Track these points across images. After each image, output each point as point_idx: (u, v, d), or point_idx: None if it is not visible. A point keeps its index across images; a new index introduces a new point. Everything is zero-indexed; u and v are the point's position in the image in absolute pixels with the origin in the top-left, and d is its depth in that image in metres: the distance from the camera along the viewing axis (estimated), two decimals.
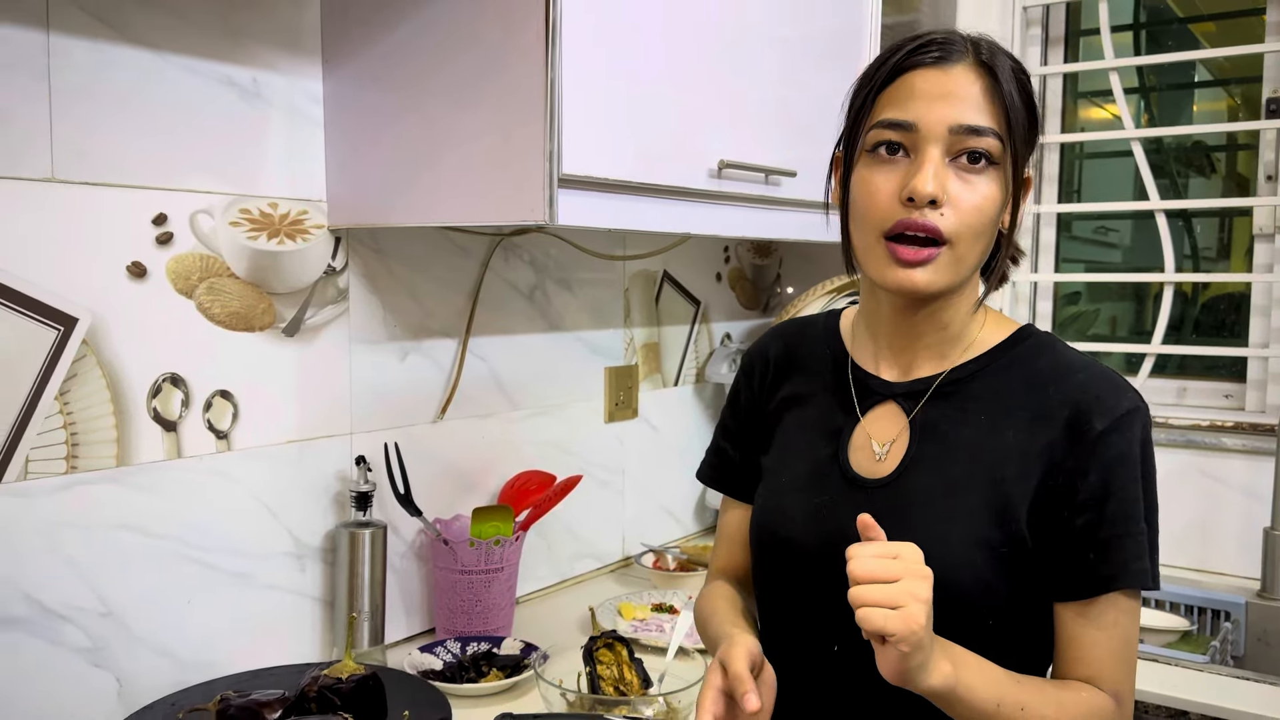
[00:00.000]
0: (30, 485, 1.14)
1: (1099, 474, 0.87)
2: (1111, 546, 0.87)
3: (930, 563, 0.87)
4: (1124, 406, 0.88)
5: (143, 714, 1.14)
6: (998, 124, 0.88)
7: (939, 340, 0.96)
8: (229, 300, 1.31)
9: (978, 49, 0.90)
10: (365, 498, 1.43)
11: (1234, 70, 2.26)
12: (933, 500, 0.91)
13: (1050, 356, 0.94)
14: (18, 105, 1.10)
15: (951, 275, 0.90)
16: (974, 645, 0.89)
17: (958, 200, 0.87)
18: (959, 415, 0.93)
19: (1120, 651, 0.89)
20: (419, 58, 1.31)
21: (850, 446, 0.97)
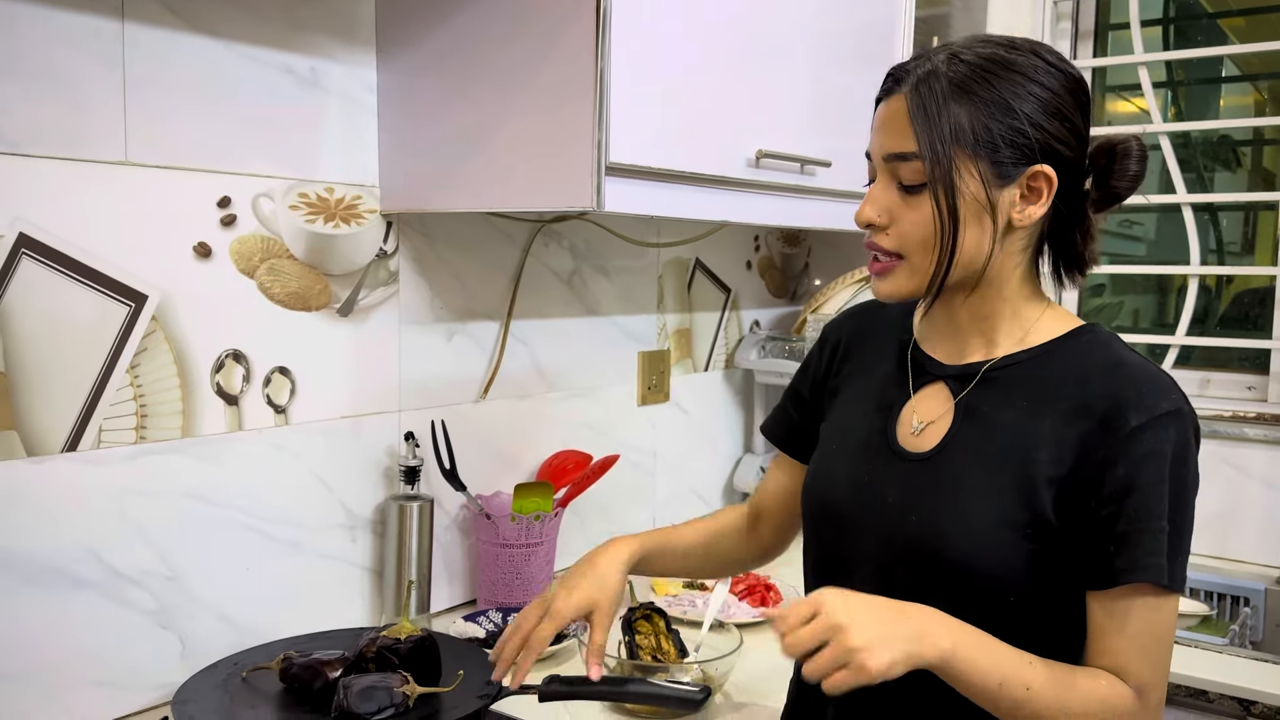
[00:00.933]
0: (103, 454, 1.20)
1: (1126, 468, 0.89)
2: (1129, 540, 0.89)
3: (957, 536, 0.93)
4: (1163, 407, 0.90)
5: (208, 672, 1.20)
6: (919, 146, 0.92)
7: (983, 329, 1.00)
8: (288, 281, 1.37)
9: (917, 73, 0.93)
10: (414, 472, 1.48)
11: (1261, 65, 2.28)
12: (965, 477, 0.96)
13: (1104, 353, 0.97)
14: (95, 91, 1.16)
15: (911, 283, 0.97)
16: (993, 620, 0.93)
17: (899, 219, 0.95)
18: (1002, 400, 0.97)
19: (1145, 646, 0.90)
20: (470, 48, 1.36)
21: (898, 421, 1.03)
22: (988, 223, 0.94)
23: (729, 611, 1.62)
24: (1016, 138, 0.92)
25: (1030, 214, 0.94)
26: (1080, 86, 0.95)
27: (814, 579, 1.10)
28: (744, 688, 1.36)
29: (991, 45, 0.94)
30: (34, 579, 1.14)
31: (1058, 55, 0.95)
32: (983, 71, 0.92)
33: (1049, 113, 0.92)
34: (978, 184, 0.92)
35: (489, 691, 1.14)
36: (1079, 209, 0.99)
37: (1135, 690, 0.90)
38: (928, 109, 0.92)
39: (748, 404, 2.31)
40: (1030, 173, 0.93)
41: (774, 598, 1.69)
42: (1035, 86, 0.92)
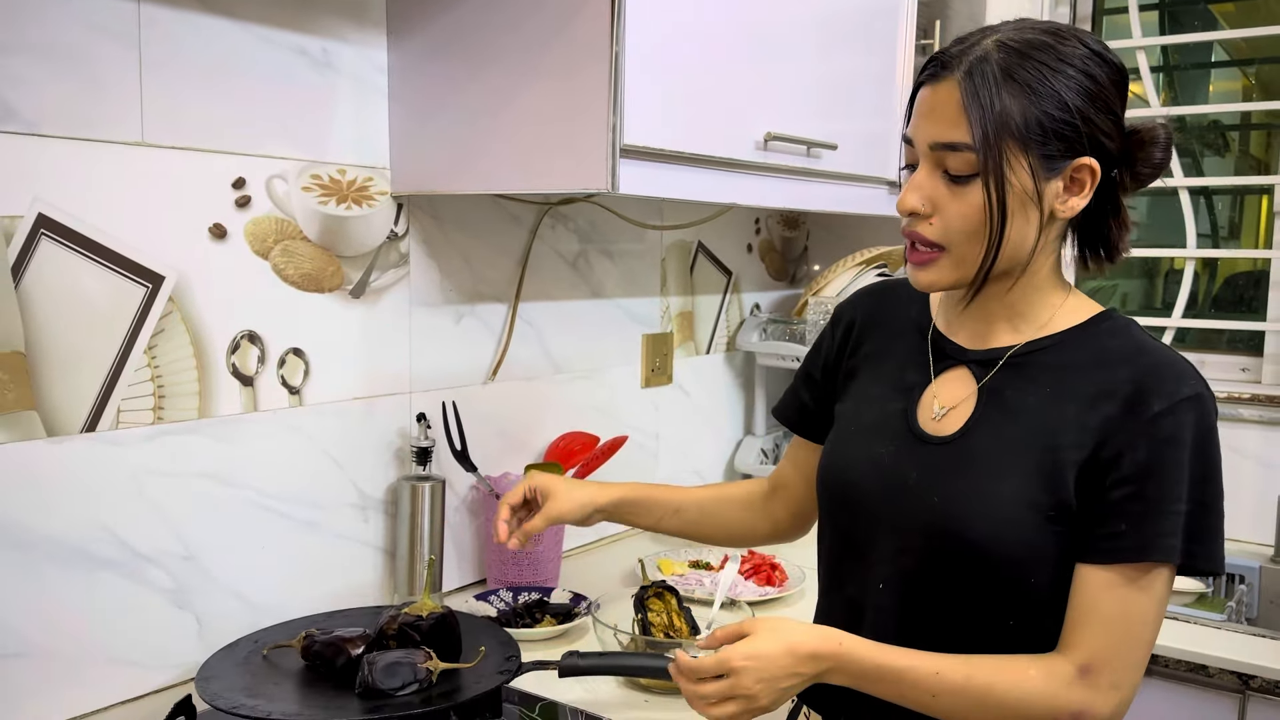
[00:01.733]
0: (121, 434, 1.20)
1: (1146, 451, 0.91)
2: (1144, 521, 0.91)
3: (980, 518, 0.95)
4: (1183, 393, 0.92)
5: (228, 650, 1.21)
6: (972, 137, 0.91)
7: (1010, 315, 1.01)
8: (301, 262, 1.38)
9: (967, 59, 0.92)
10: (425, 453, 1.49)
11: (1250, 51, 2.30)
12: (989, 460, 0.97)
13: (1124, 339, 0.98)
14: (112, 72, 1.16)
15: (955, 274, 0.97)
16: (1013, 600, 0.95)
17: (944, 209, 0.95)
18: (1026, 385, 0.98)
19: (1117, 626, 0.91)
20: (482, 30, 1.36)
21: (919, 404, 1.04)
22: (1034, 214, 0.94)
23: (736, 590, 1.64)
24: (1066, 130, 0.91)
25: (1073, 205, 0.95)
26: (1123, 76, 0.95)
27: (830, 561, 1.11)
28: None
29: (1038, 32, 0.94)
30: (54, 558, 1.15)
31: (1101, 43, 0.95)
32: (1035, 62, 0.91)
33: (1096, 106, 0.92)
34: (1026, 175, 0.92)
35: (509, 668, 1.16)
36: (1113, 196, 0.99)
37: (1080, 668, 0.91)
38: (981, 98, 0.91)
39: (749, 386, 2.33)
40: (1076, 165, 0.93)
41: (779, 576, 1.71)
42: (1084, 78, 0.92)
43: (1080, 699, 0.91)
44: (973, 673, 0.92)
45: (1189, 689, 1.49)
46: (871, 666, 0.94)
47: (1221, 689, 1.47)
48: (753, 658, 0.94)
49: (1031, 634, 0.96)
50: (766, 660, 0.94)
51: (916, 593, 0.99)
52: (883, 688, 0.94)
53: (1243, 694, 1.45)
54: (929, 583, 0.99)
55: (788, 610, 1.60)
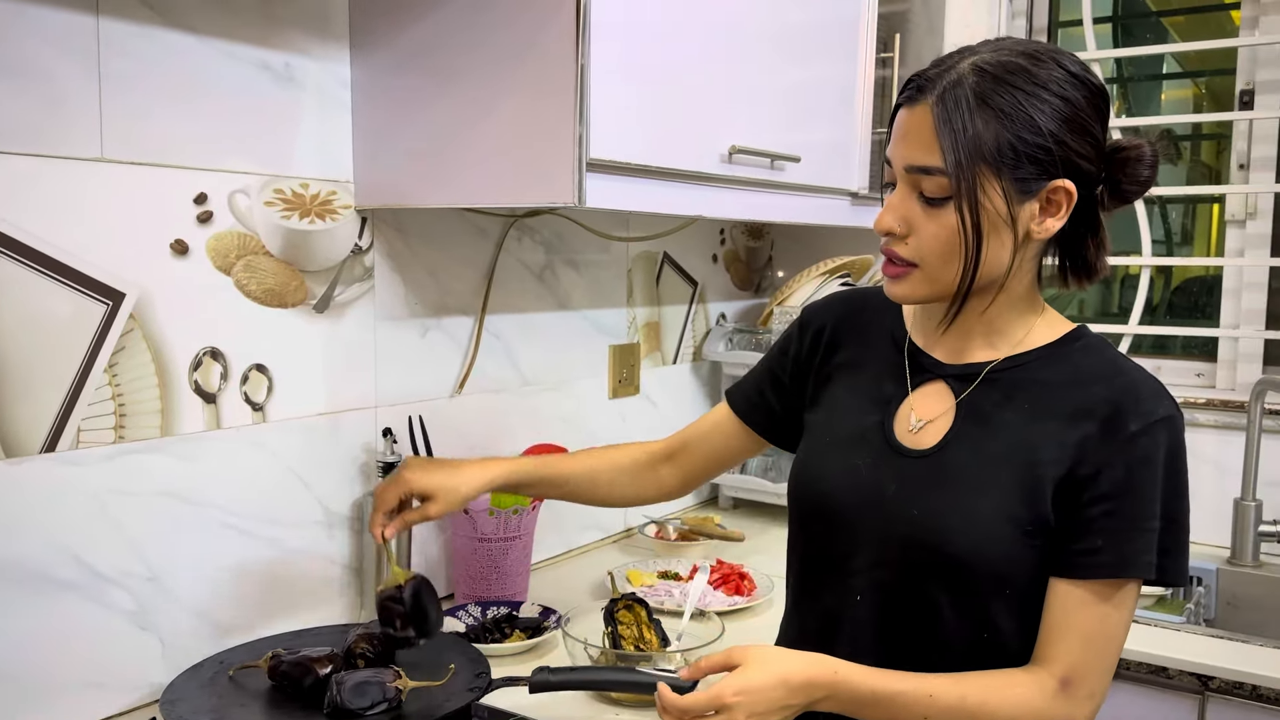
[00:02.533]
0: (81, 454, 1.19)
1: (1124, 470, 0.93)
2: (1121, 538, 0.93)
3: (960, 532, 0.96)
4: (1159, 414, 0.94)
5: (193, 672, 1.19)
6: (944, 162, 0.92)
7: (987, 332, 1.03)
8: (264, 277, 1.36)
9: (941, 83, 0.93)
10: (391, 468, 1.48)
11: (1201, 62, 2.36)
12: (969, 474, 0.98)
13: (1098, 358, 1.00)
14: (71, 88, 1.15)
15: (928, 290, 0.99)
16: (989, 612, 0.97)
17: (919, 230, 0.96)
18: (1004, 400, 1.00)
19: (1095, 639, 0.94)
20: (446, 44, 1.36)
21: (896, 417, 1.05)
22: (1008, 236, 0.95)
23: (704, 600, 1.64)
24: (1039, 154, 0.92)
25: (1049, 227, 0.96)
26: (1101, 96, 0.96)
27: (802, 571, 1.11)
28: None
29: (1014, 55, 0.94)
30: (14, 580, 1.13)
31: (1080, 65, 0.95)
32: (1008, 85, 0.92)
33: (1072, 128, 0.93)
34: (1000, 199, 0.93)
35: (479, 684, 1.15)
36: (1092, 216, 1.00)
37: (1061, 681, 0.94)
38: (953, 123, 0.91)
39: (715, 396, 2.33)
40: (1051, 187, 0.94)
41: (748, 586, 1.71)
42: (1059, 102, 0.92)
43: (1063, 711, 0.94)
44: (965, 693, 0.94)
45: (1150, 691, 1.51)
46: (866, 693, 0.94)
47: (1181, 690, 1.49)
48: (745, 692, 0.93)
49: (1004, 644, 0.98)
50: (759, 694, 0.93)
51: (894, 604, 1.00)
52: (877, 712, 0.95)
53: (1202, 695, 1.48)
54: (906, 595, 1.00)
55: (756, 620, 1.61)
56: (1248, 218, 2.11)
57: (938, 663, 0.97)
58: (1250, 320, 2.10)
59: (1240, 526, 1.93)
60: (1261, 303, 2.10)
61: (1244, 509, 1.92)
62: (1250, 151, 2.11)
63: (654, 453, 1.31)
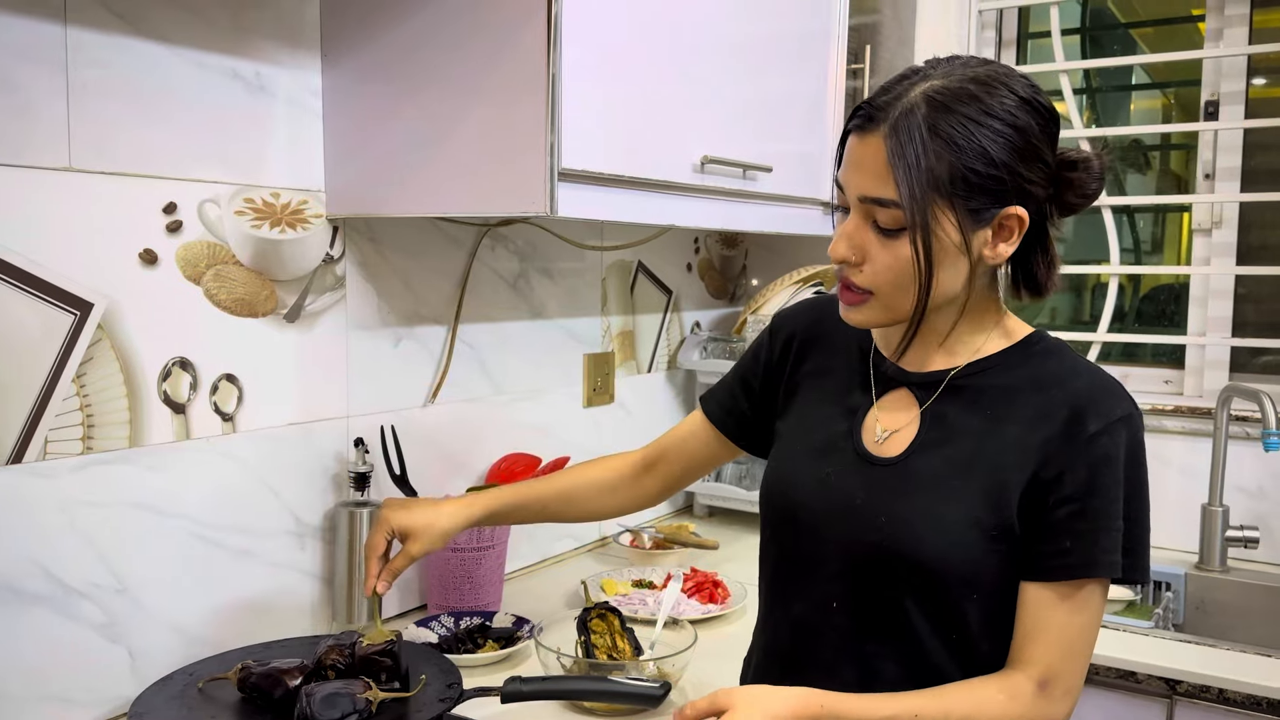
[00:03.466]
0: (49, 465, 1.18)
1: (1086, 471, 0.95)
2: (1088, 539, 0.95)
3: (928, 539, 0.97)
4: (1117, 413, 0.96)
5: (162, 684, 1.18)
6: (899, 194, 0.92)
7: (945, 342, 1.04)
8: (234, 287, 1.36)
9: (893, 113, 0.93)
10: (364, 478, 1.48)
11: (1169, 73, 2.39)
12: (935, 482, 1.00)
13: (1057, 361, 1.02)
14: (38, 97, 1.14)
15: (885, 316, 1.00)
16: (958, 614, 0.98)
17: (874, 259, 0.97)
18: (967, 407, 1.01)
19: (1068, 639, 0.96)
20: (418, 53, 1.36)
21: (863, 426, 1.06)
22: (962, 263, 0.96)
23: (679, 609, 1.64)
24: (991, 184, 0.93)
25: (1002, 252, 0.97)
26: (1053, 119, 0.97)
27: (774, 579, 1.12)
28: (699, 682, 1.38)
29: (966, 81, 0.93)
30: None
31: (1030, 88, 0.95)
32: (960, 116, 0.92)
33: (1024, 156, 0.93)
34: (954, 229, 0.94)
35: (450, 695, 1.15)
36: (1041, 233, 1.01)
37: (1040, 683, 0.95)
38: (906, 157, 0.91)
39: (690, 404, 2.34)
40: (1004, 214, 0.95)
41: (722, 594, 1.72)
42: (1011, 130, 0.92)
43: (1043, 712, 0.95)
44: (950, 708, 0.95)
45: (1118, 695, 1.53)
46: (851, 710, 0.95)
47: (1150, 694, 1.51)
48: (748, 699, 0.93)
49: (974, 645, 0.99)
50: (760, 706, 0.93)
51: (864, 610, 1.01)
52: None
53: (1170, 699, 1.49)
54: (876, 601, 1.01)
55: (730, 628, 1.61)
56: (1214, 227, 2.14)
57: (909, 666, 0.98)
58: (1217, 328, 2.13)
59: (1208, 532, 1.95)
60: (1228, 310, 2.13)
61: (1211, 514, 1.94)
62: (1215, 161, 2.14)
63: (633, 463, 1.32)
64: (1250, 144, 2.12)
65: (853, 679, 1.01)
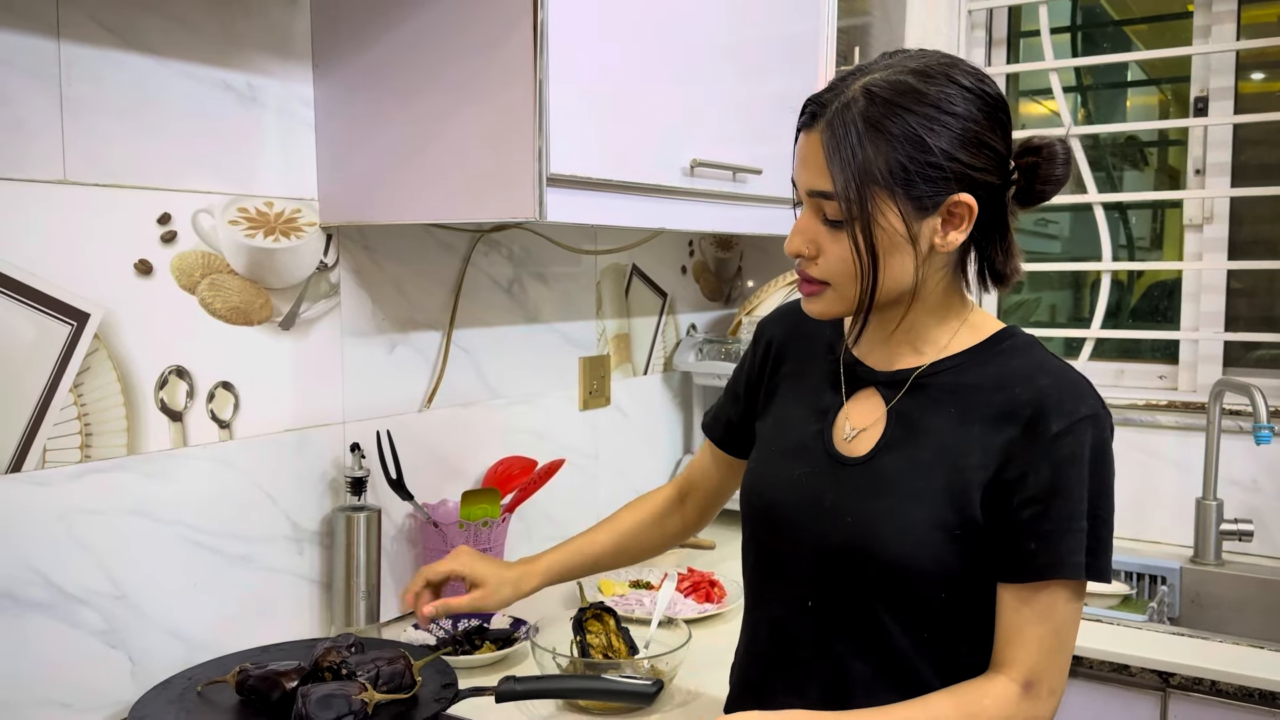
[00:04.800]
0: (48, 474, 1.19)
1: (1049, 471, 0.95)
2: (1053, 539, 0.94)
3: (892, 539, 0.98)
4: (1081, 412, 0.96)
5: (162, 688, 1.20)
6: (834, 186, 0.94)
7: (909, 338, 1.05)
8: (229, 295, 1.38)
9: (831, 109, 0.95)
10: (360, 483, 1.50)
11: (1164, 69, 2.40)
12: (900, 482, 1.00)
13: (1024, 359, 1.01)
14: (32, 111, 1.16)
15: (842, 306, 1.02)
16: (927, 613, 0.99)
17: (826, 251, 0.99)
18: (932, 406, 1.02)
19: (1046, 639, 0.96)
20: (407, 62, 1.38)
21: (834, 426, 1.07)
22: (909, 251, 0.97)
23: (675, 608, 1.66)
24: (932, 172, 0.94)
25: (953, 240, 0.98)
26: (999, 106, 0.97)
27: (753, 576, 1.14)
28: (693, 680, 1.40)
29: (906, 74, 0.95)
30: None
31: (975, 76, 0.96)
32: (896, 107, 0.93)
33: (965, 143, 0.94)
34: (897, 218, 0.95)
35: (446, 695, 1.16)
36: (999, 223, 1.01)
37: (1024, 684, 0.95)
38: (841, 150, 0.93)
39: (686, 405, 2.36)
40: (950, 201, 0.95)
41: (718, 593, 1.73)
42: (949, 118, 0.93)
43: (1030, 712, 0.96)
44: (934, 711, 0.95)
45: (1112, 688, 1.54)
46: None
47: (1143, 687, 1.52)
48: None
49: (946, 643, 1.00)
50: None
51: (837, 610, 1.02)
52: None
53: (1164, 691, 1.50)
54: (847, 600, 1.02)
55: (726, 626, 1.62)
56: (1205, 222, 2.15)
57: (880, 665, 0.99)
58: (1209, 323, 2.14)
59: (1202, 526, 1.96)
60: (1220, 305, 2.14)
61: (1205, 508, 1.95)
62: (1205, 157, 2.15)
63: (669, 495, 1.35)
64: (1240, 139, 2.13)
65: (827, 677, 1.02)
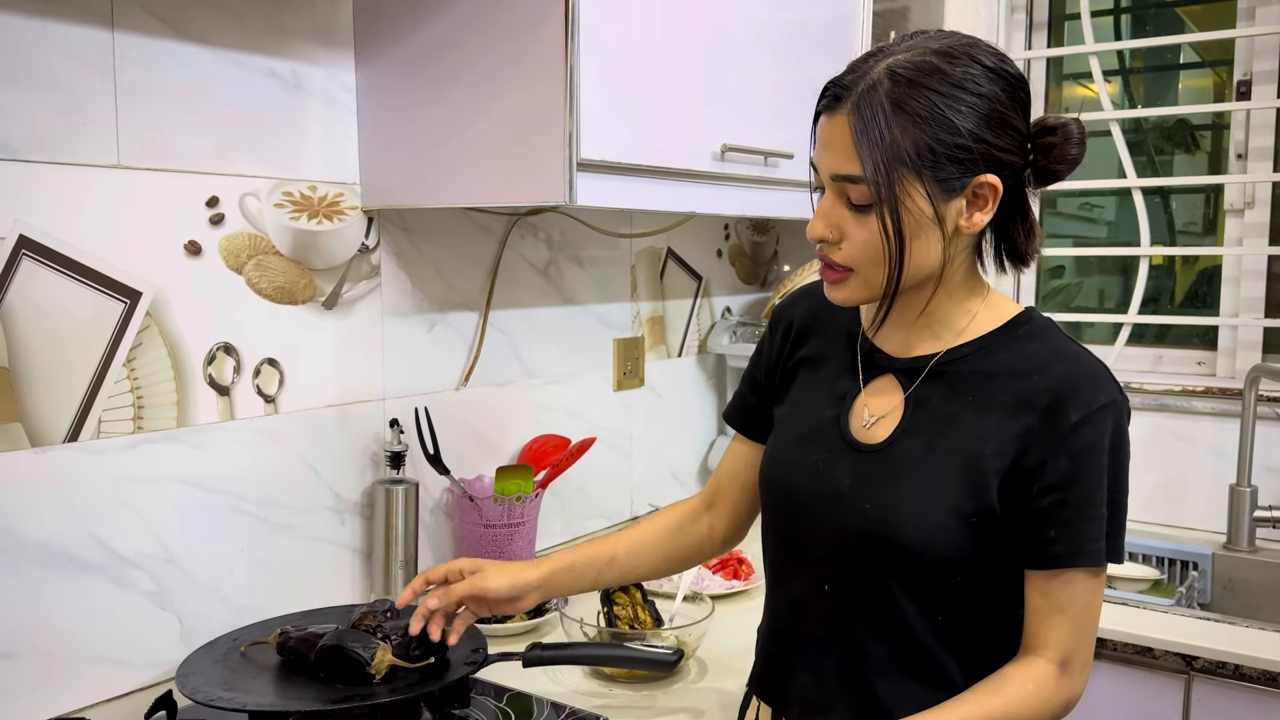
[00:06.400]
0: (103, 444, 1.26)
1: (1068, 460, 0.96)
2: (1072, 528, 0.96)
3: (909, 525, 1.00)
4: (1100, 400, 0.96)
5: (208, 648, 1.27)
6: (864, 170, 0.94)
7: (927, 323, 1.05)
8: (274, 276, 1.43)
9: (856, 91, 0.95)
10: (399, 457, 1.55)
11: (1221, 51, 2.36)
12: (916, 468, 1.02)
13: (1041, 344, 1.02)
14: (88, 98, 1.22)
15: (866, 293, 1.02)
16: (943, 598, 1.01)
17: (850, 236, 0.99)
18: (949, 394, 1.03)
19: (1076, 620, 0.98)
20: (444, 51, 1.42)
21: (851, 412, 1.08)
22: (936, 234, 0.97)
23: (703, 584, 1.69)
24: (960, 153, 0.94)
25: (977, 221, 0.98)
26: (1020, 86, 0.98)
27: (773, 558, 1.16)
28: (716, 654, 1.44)
29: (929, 54, 0.95)
30: (40, 562, 1.21)
31: (996, 56, 0.97)
32: (923, 88, 0.93)
33: (990, 124, 0.95)
34: (924, 200, 0.95)
35: (475, 659, 1.22)
36: (1020, 202, 1.02)
37: (1060, 664, 0.98)
38: (869, 133, 0.93)
39: (720, 388, 2.39)
40: (976, 183, 0.96)
41: (746, 570, 1.76)
42: (974, 98, 0.94)
43: (1068, 690, 0.99)
44: (990, 712, 0.97)
45: (1136, 671, 1.55)
46: None
47: (1167, 670, 1.53)
48: None
49: (963, 628, 1.02)
50: None
51: (854, 594, 1.04)
52: None
53: (1187, 674, 1.51)
54: (864, 584, 1.03)
55: (752, 603, 1.65)
56: (1245, 207, 2.13)
57: (896, 647, 1.02)
58: (1249, 308, 2.12)
59: (1236, 512, 1.95)
60: (1260, 291, 2.12)
61: (1239, 494, 1.94)
62: (1248, 141, 2.13)
63: (693, 507, 1.29)
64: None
65: (844, 657, 1.04)
